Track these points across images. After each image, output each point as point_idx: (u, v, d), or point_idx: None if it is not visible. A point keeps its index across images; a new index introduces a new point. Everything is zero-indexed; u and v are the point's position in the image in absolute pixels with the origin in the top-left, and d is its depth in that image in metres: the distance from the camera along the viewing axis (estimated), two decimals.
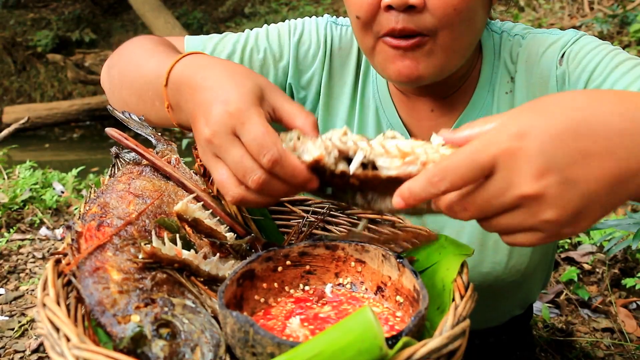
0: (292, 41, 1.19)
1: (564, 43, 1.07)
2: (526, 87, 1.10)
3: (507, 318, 1.42)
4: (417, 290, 0.70)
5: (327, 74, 1.20)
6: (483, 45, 1.13)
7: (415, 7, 0.91)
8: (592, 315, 1.95)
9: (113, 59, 1.14)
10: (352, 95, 1.20)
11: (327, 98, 1.21)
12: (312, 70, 1.20)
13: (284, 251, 0.77)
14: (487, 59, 1.12)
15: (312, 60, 1.20)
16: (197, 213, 0.81)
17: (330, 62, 1.20)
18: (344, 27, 1.21)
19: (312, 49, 1.20)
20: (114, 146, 1.00)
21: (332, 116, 1.21)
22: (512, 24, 1.15)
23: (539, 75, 1.08)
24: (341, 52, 1.20)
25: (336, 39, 1.20)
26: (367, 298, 0.78)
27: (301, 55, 1.19)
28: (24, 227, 2.83)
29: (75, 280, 0.71)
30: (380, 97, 1.18)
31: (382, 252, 0.76)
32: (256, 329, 0.60)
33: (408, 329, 0.63)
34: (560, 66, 1.05)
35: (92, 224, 0.79)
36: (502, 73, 1.12)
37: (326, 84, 1.20)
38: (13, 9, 9.82)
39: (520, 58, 1.10)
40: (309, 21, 1.22)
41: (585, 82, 1.02)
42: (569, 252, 2.27)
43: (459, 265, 0.78)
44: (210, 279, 0.79)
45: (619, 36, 4.39)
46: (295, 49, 1.19)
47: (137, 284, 0.71)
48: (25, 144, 6.53)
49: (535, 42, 1.10)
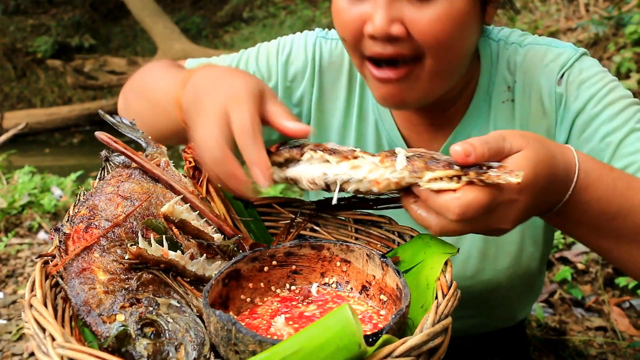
0: (280, 61, 1.20)
1: (564, 62, 1.07)
2: (524, 98, 1.10)
3: (500, 327, 1.43)
4: (400, 289, 0.71)
5: (317, 90, 1.19)
6: (481, 54, 1.12)
7: (398, 39, 0.91)
8: (586, 314, 1.96)
9: (127, 85, 1.22)
10: (345, 109, 1.19)
11: (319, 114, 1.21)
12: (302, 89, 1.20)
13: (270, 251, 0.78)
14: (485, 68, 1.12)
15: (301, 78, 1.20)
16: (184, 215, 0.82)
17: (320, 78, 1.19)
18: (333, 41, 1.21)
19: (301, 67, 1.19)
20: (103, 149, 1.01)
21: (326, 131, 1.21)
22: (508, 31, 1.15)
23: (537, 90, 1.09)
24: (332, 66, 1.20)
25: (326, 54, 1.20)
26: (352, 297, 0.79)
27: (290, 76, 1.20)
28: (22, 232, 2.85)
29: (62, 282, 0.73)
30: (380, 110, 1.17)
31: (366, 252, 0.77)
32: (238, 327, 0.61)
33: (389, 327, 0.64)
34: (559, 87, 1.06)
35: (80, 226, 0.80)
36: (499, 82, 1.12)
37: (317, 101, 1.20)
38: (13, 15, 9.86)
39: (518, 69, 1.10)
40: (298, 38, 1.22)
41: (577, 111, 1.05)
42: (563, 251, 2.28)
43: (442, 263, 0.79)
44: (197, 279, 0.80)
45: (614, 38, 4.40)
46: (283, 69, 1.20)
47: (123, 284, 0.72)
48: (25, 149, 6.54)
49: (535, 54, 1.10)
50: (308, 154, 0.80)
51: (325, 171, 0.78)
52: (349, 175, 0.76)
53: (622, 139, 0.98)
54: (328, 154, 0.78)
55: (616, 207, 0.83)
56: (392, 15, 0.89)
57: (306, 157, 0.81)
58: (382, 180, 0.75)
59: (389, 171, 0.74)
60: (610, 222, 0.84)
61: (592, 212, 0.83)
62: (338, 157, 0.78)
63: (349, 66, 1.19)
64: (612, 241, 0.87)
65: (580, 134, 1.04)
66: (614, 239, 0.86)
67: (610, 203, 0.83)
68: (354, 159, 0.77)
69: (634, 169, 0.95)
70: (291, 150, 0.82)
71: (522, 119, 1.10)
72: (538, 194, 0.76)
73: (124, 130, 1.10)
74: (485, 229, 0.76)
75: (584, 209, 0.82)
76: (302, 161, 0.81)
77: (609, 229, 0.85)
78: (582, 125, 1.04)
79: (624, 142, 0.98)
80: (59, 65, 8.90)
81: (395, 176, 0.74)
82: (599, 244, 0.88)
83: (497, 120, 1.12)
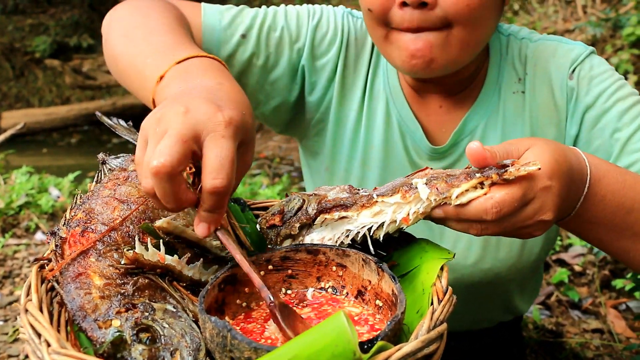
0: (311, 24, 1.20)
1: (575, 57, 1.11)
2: (535, 90, 1.14)
3: (498, 321, 1.43)
4: (395, 295, 0.72)
5: (342, 63, 1.21)
6: (490, 47, 1.16)
7: (428, 4, 0.94)
8: (582, 317, 1.96)
9: (122, 8, 1.10)
10: (364, 86, 1.22)
11: (341, 87, 1.22)
12: (328, 57, 1.21)
13: (266, 256, 0.79)
14: (494, 60, 1.15)
15: (329, 46, 1.21)
16: (179, 228, 0.81)
17: (346, 51, 1.21)
18: (358, 20, 1.23)
19: (329, 35, 1.20)
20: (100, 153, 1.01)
21: (345, 107, 1.23)
22: (517, 28, 1.19)
23: (548, 81, 1.12)
24: (357, 42, 1.22)
25: (352, 29, 1.22)
26: (347, 301, 0.79)
27: (317, 40, 1.20)
28: (19, 232, 2.84)
29: (58, 286, 0.73)
30: (391, 89, 1.19)
31: (362, 257, 0.78)
32: (234, 334, 0.62)
33: (384, 333, 0.64)
34: (570, 81, 1.10)
35: (76, 230, 0.80)
36: (509, 73, 1.15)
37: (341, 73, 1.21)
38: (11, 14, 9.83)
39: (529, 61, 1.14)
40: (327, 9, 1.24)
41: (587, 106, 1.09)
42: (560, 253, 2.28)
43: (438, 269, 0.79)
44: (194, 283, 0.80)
45: (612, 39, 4.41)
46: (312, 33, 1.20)
47: (118, 289, 0.72)
48: (23, 149, 6.53)
49: (546, 48, 1.14)
50: (321, 217, 0.81)
51: (348, 227, 0.80)
52: (376, 222, 0.78)
53: (631, 135, 1.03)
54: (344, 211, 0.79)
55: (630, 201, 0.86)
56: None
57: (319, 221, 0.82)
58: (412, 215, 0.76)
59: (414, 204, 0.76)
60: (626, 217, 0.86)
61: (609, 207, 0.85)
62: (356, 209, 0.79)
63: (372, 46, 1.21)
64: (629, 240, 0.89)
65: (591, 128, 1.08)
66: (631, 236, 0.89)
67: (624, 196, 0.86)
68: (372, 205, 0.78)
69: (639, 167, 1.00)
70: (300, 219, 0.83)
71: (532, 110, 1.14)
72: (565, 180, 0.77)
73: (121, 132, 1.09)
74: (527, 223, 0.76)
75: (602, 204, 0.85)
76: (316, 225, 0.83)
77: (626, 225, 0.87)
78: (592, 119, 1.08)
79: (632, 138, 1.03)
80: (58, 65, 8.88)
81: (423, 206, 0.75)
82: (617, 244, 0.90)
83: (506, 110, 1.15)
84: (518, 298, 1.39)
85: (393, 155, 1.21)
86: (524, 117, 1.14)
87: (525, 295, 1.42)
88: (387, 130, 1.20)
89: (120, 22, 1.07)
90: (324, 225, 0.82)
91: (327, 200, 0.82)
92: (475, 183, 0.72)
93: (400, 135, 1.19)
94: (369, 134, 1.21)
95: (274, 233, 0.86)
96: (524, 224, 0.76)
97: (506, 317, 1.43)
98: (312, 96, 1.23)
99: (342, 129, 1.23)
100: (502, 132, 1.15)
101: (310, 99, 1.23)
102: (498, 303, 1.37)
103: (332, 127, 1.24)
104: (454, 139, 1.16)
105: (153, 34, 0.99)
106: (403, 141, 1.19)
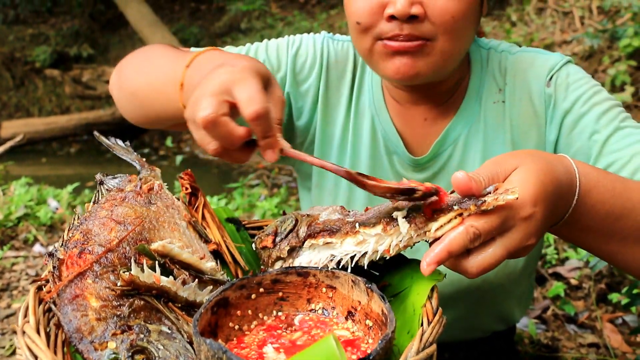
0: (290, 53, 1.27)
1: (552, 65, 1.16)
2: (515, 100, 1.18)
3: (491, 331, 1.44)
4: (385, 314, 0.73)
5: (324, 85, 1.27)
6: (472, 59, 1.21)
7: (417, 17, 0.99)
8: (579, 331, 1.97)
9: (125, 61, 1.22)
10: (347, 105, 1.27)
11: (325, 107, 1.28)
12: (310, 82, 1.27)
13: (257, 279, 0.80)
14: (475, 71, 1.20)
15: (309, 71, 1.27)
16: (174, 251, 0.83)
17: (327, 74, 1.27)
18: (339, 42, 1.29)
19: (309, 61, 1.27)
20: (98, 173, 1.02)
21: (329, 125, 1.28)
22: (497, 42, 1.24)
23: (527, 90, 1.17)
24: (337, 64, 1.27)
25: (332, 52, 1.27)
26: (338, 322, 0.80)
27: (298, 67, 1.27)
28: (17, 244, 2.85)
29: (55, 308, 0.74)
30: (376, 106, 1.24)
31: (351, 278, 0.79)
32: (229, 355, 0.63)
33: (375, 353, 0.65)
34: (548, 88, 1.15)
35: (74, 251, 0.82)
36: (490, 84, 1.20)
37: (323, 94, 1.27)
38: (12, 24, 9.89)
39: (509, 72, 1.19)
40: (307, 37, 1.30)
41: (565, 111, 1.13)
42: (556, 267, 2.29)
43: (429, 290, 0.80)
44: (189, 304, 0.81)
45: (609, 50, 4.44)
46: (292, 61, 1.26)
47: (115, 310, 0.74)
48: (22, 159, 6.54)
49: (525, 59, 1.19)
50: (309, 241, 0.84)
51: (333, 253, 0.82)
52: (359, 251, 0.80)
53: (608, 137, 1.07)
54: (329, 237, 0.82)
55: (619, 208, 0.87)
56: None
57: (308, 245, 0.84)
58: (393, 248, 0.78)
59: (395, 237, 0.78)
60: (615, 223, 0.88)
61: (599, 215, 0.86)
62: (340, 236, 0.81)
63: (353, 66, 1.27)
64: (617, 244, 0.90)
65: (570, 132, 1.12)
66: (619, 241, 0.90)
67: (613, 204, 0.87)
68: (355, 234, 0.80)
69: (619, 165, 1.03)
70: (290, 241, 0.85)
71: (512, 119, 1.18)
72: (550, 202, 0.78)
73: (119, 152, 1.11)
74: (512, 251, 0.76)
75: (591, 213, 0.86)
76: (305, 248, 0.85)
77: (615, 231, 0.89)
78: (571, 123, 1.12)
79: (609, 139, 1.07)
80: (57, 74, 8.92)
81: (404, 239, 0.77)
82: (605, 248, 0.92)
83: (487, 119, 1.19)
84: (509, 305, 1.40)
85: (379, 169, 1.26)
86: (505, 125, 1.18)
87: (517, 302, 1.43)
88: (373, 144, 1.25)
89: (128, 66, 1.19)
90: (311, 248, 0.84)
91: (317, 224, 0.84)
92: (454, 216, 0.73)
93: (385, 149, 1.24)
94: (356, 149, 1.27)
95: (266, 255, 0.88)
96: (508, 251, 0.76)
97: (499, 327, 1.44)
98: (300, 121, 1.29)
99: (328, 147, 1.29)
100: (484, 141, 1.19)
101: (298, 123, 1.30)
102: (489, 309, 1.39)
103: (318, 146, 1.29)
104: (436, 149, 1.20)
105: (159, 60, 1.10)
106: (388, 154, 1.24)
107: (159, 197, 0.97)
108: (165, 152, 6.79)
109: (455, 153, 1.20)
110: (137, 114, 1.17)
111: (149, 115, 1.13)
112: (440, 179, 1.22)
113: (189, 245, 0.90)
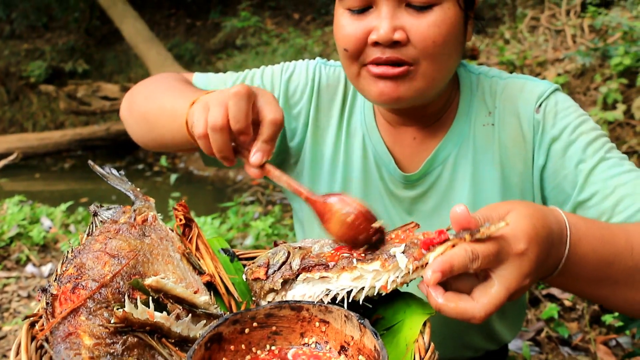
0: (283, 78, 1.34)
1: (541, 93, 1.19)
2: (504, 123, 1.21)
3: (483, 350, 1.44)
4: (378, 351, 0.73)
5: (314, 107, 1.32)
6: (461, 83, 1.25)
7: (400, 42, 1.03)
8: (572, 353, 1.97)
9: (135, 88, 1.33)
10: (338, 126, 1.32)
11: (315, 128, 1.33)
12: (301, 105, 1.33)
13: (250, 313, 0.80)
14: (465, 94, 1.24)
15: (301, 95, 1.33)
16: (168, 286, 0.83)
17: (317, 97, 1.32)
18: (331, 68, 1.35)
19: (301, 85, 1.33)
20: (92, 204, 1.03)
21: (319, 145, 1.33)
22: (487, 68, 1.28)
23: (516, 115, 1.20)
24: (329, 88, 1.33)
25: (324, 77, 1.33)
26: (331, 357, 0.80)
27: (291, 91, 1.33)
28: (10, 265, 2.83)
29: (48, 346, 0.74)
30: (367, 126, 1.28)
31: (344, 313, 0.79)
32: None
33: None
34: (537, 114, 1.18)
35: (67, 286, 0.82)
36: (480, 107, 1.23)
37: (314, 116, 1.32)
38: (7, 39, 9.91)
39: (498, 96, 1.22)
40: (301, 63, 1.37)
41: (553, 138, 1.16)
42: (550, 288, 2.30)
43: (421, 324, 0.81)
44: (182, 339, 0.81)
45: (600, 69, 4.49)
46: (285, 85, 1.33)
47: (108, 348, 0.74)
48: (16, 174, 6.52)
49: (515, 85, 1.22)
50: (303, 274, 0.84)
51: (329, 287, 0.83)
52: (356, 287, 0.81)
53: (594, 167, 1.10)
54: (325, 271, 0.82)
55: (608, 255, 0.90)
56: (394, 24, 1.03)
57: (302, 278, 0.85)
58: (390, 284, 0.79)
59: (392, 273, 0.79)
60: (605, 270, 0.90)
61: (590, 264, 0.88)
62: (337, 271, 0.82)
63: (344, 89, 1.33)
64: (608, 288, 0.93)
65: (558, 159, 1.15)
66: (610, 285, 0.92)
67: (603, 252, 0.89)
68: (352, 269, 0.81)
69: (602, 195, 1.07)
70: (284, 274, 0.86)
71: (501, 141, 1.21)
72: (543, 246, 0.79)
73: (113, 182, 1.12)
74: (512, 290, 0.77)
75: (583, 262, 0.88)
76: (298, 281, 0.85)
77: (606, 277, 0.91)
78: (559, 151, 1.15)
79: (594, 169, 1.10)
80: (52, 90, 8.92)
81: (402, 275, 0.78)
82: (597, 293, 0.94)
83: (477, 140, 1.22)
84: (498, 323, 1.41)
85: (371, 186, 1.29)
86: (494, 147, 1.21)
87: (506, 321, 1.43)
88: (364, 163, 1.29)
89: (138, 94, 1.30)
90: (305, 282, 0.84)
91: (311, 257, 0.85)
92: (450, 246, 0.75)
93: (376, 167, 1.28)
94: (348, 168, 1.30)
95: (259, 286, 0.88)
96: (506, 292, 0.77)
97: (490, 346, 1.45)
98: (293, 142, 1.34)
99: (318, 166, 1.33)
100: (473, 160, 1.22)
101: (292, 144, 1.35)
102: (479, 327, 1.39)
103: (308, 166, 1.34)
104: (426, 167, 1.23)
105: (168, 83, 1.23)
106: (379, 172, 1.28)
107: (152, 228, 0.98)
108: (159, 169, 6.78)
109: (444, 172, 1.23)
110: (148, 135, 1.26)
111: (162, 131, 1.20)
112: (430, 196, 1.25)
113: (182, 278, 0.90)
